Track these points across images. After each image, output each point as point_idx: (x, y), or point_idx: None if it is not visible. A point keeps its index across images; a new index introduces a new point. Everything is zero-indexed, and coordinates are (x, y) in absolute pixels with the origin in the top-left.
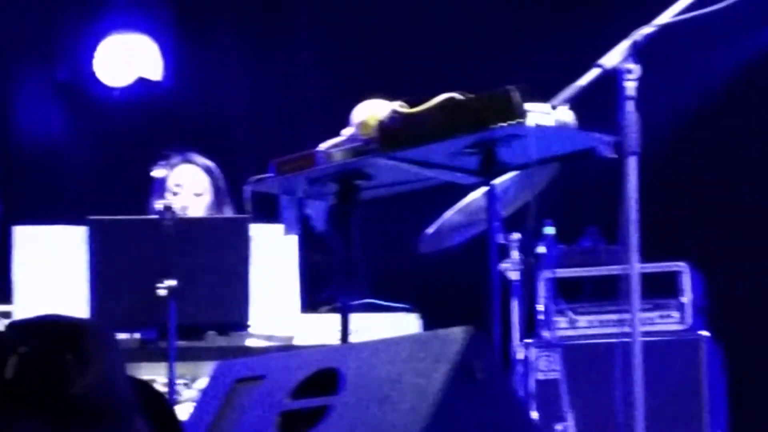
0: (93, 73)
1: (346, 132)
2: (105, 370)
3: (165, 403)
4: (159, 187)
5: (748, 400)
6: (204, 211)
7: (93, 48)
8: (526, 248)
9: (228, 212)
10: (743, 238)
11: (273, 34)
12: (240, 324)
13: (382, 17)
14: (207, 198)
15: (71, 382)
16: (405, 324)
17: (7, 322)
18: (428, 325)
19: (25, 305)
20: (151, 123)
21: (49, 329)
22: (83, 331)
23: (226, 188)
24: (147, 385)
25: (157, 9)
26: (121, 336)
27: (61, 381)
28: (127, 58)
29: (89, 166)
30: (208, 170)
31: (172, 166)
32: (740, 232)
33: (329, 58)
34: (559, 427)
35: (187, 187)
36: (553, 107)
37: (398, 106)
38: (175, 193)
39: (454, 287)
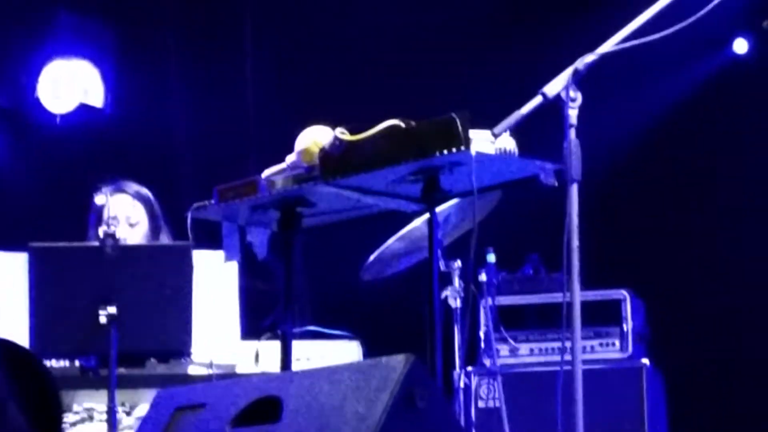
0: (36, 99)
1: (289, 159)
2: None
3: (33, 362)
4: (96, 215)
5: (689, 428)
6: (140, 240)
7: (36, 74)
8: (467, 276)
9: (165, 239)
10: (683, 266)
11: (217, 60)
12: (181, 351)
13: (327, 43)
14: (142, 227)
15: None
16: (346, 351)
17: None
18: (369, 352)
19: None
20: (94, 149)
21: None
22: None
23: (162, 215)
24: (12, 347)
25: (99, 35)
26: (62, 363)
27: None
28: (69, 84)
29: (30, 192)
30: (141, 198)
31: (107, 200)
32: (680, 260)
33: (273, 85)
34: None
35: (122, 218)
36: (496, 135)
37: (340, 132)
38: (109, 225)
39: (395, 315)
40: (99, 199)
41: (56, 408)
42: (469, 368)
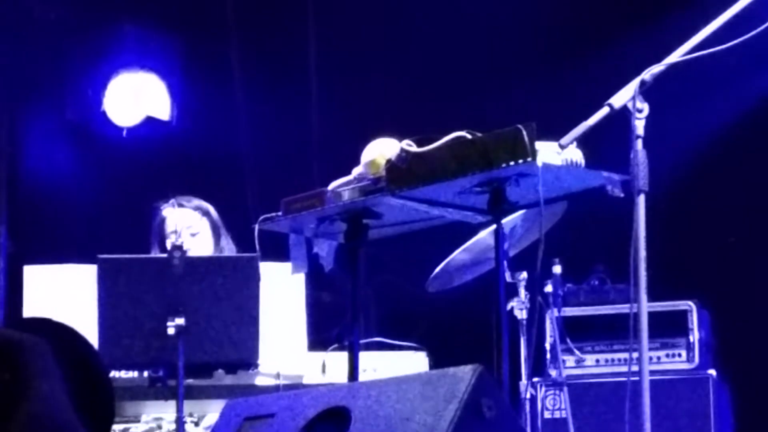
0: (102, 112)
1: (356, 171)
2: (47, 396)
3: (84, 350)
4: (158, 229)
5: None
6: (204, 250)
7: (102, 87)
8: (533, 287)
9: (227, 250)
10: (750, 277)
11: (282, 72)
12: (249, 362)
13: (392, 55)
14: (205, 237)
15: (9, 412)
16: (413, 362)
17: None
18: (437, 363)
19: None
20: (160, 162)
21: None
22: (21, 345)
23: (225, 226)
24: (63, 329)
25: (165, 47)
26: (130, 374)
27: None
28: (135, 98)
29: (98, 205)
30: (200, 210)
31: (171, 214)
32: (747, 271)
33: (339, 97)
34: None
35: (184, 230)
36: (562, 146)
37: (407, 144)
38: (176, 237)
39: (462, 326)
40: (161, 212)
41: (111, 415)
42: (536, 379)
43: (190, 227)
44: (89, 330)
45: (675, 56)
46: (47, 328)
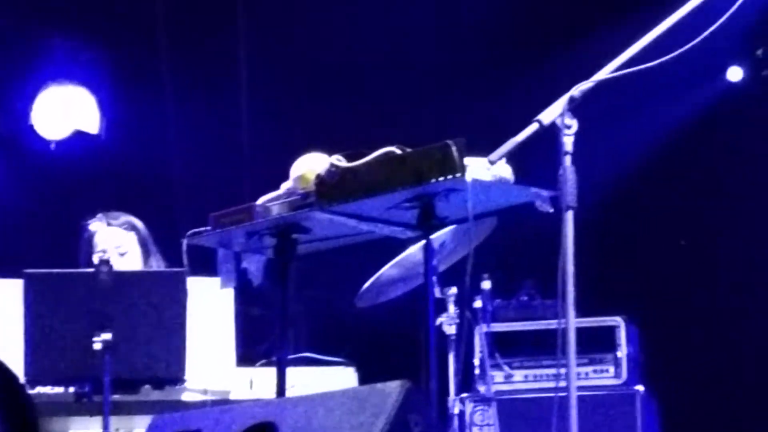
0: (30, 126)
1: (285, 186)
2: None
3: (19, 392)
4: (87, 245)
5: None
6: (132, 267)
7: (30, 100)
8: (462, 302)
9: (156, 266)
10: (678, 293)
11: (212, 86)
12: (176, 378)
13: (323, 69)
14: (133, 255)
15: None
16: (342, 378)
17: None
18: (365, 379)
19: None
20: (89, 176)
21: None
22: None
23: (154, 242)
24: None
25: (94, 60)
26: (56, 390)
27: None
28: (64, 111)
29: (26, 218)
30: (130, 227)
31: (99, 229)
32: (675, 287)
33: (270, 112)
34: None
35: (111, 249)
36: (492, 162)
37: (336, 160)
38: (103, 257)
39: (390, 341)
40: (89, 229)
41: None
42: (464, 395)
43: (118, 247)
44: (14, 345)
45: (603, 73)
46: None
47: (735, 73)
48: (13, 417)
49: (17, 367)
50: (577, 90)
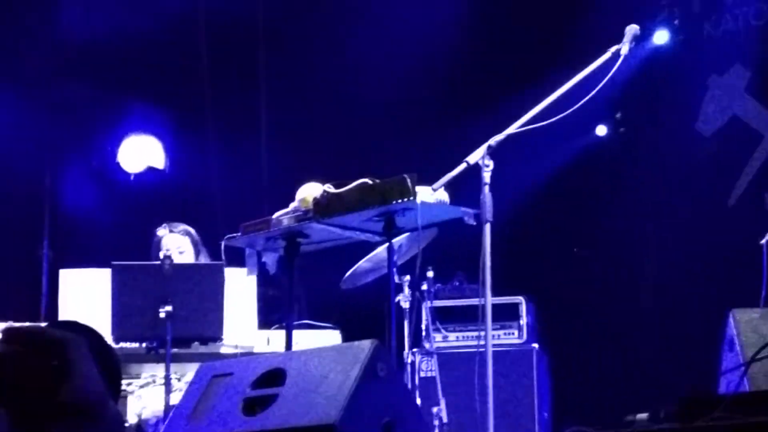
0: (117, 163)
1: (292, 205)
2: (84, 375)
3: (108, 346)
4: (156, 246)
5: (565, 392)
6: (187, 261)
7: (117, 144)
8: (414, 286)
9: (203, 260)
10: (563, 281)
11: (241, 134)
12: (216, 337)
13: (319, 124)
14: (188, 254)
15: (58, 389)
16: (330, 338)
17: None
18: (346, 338)
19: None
20: (157, 198)
21: (38, 339)
22: (65, 343)
23: (202, 243)
24: (93, 331)
25: (161, 117)
26: (134, 345)
27: (49, 387)
28: (140, 153)
29: (113, 228)
30: (186, 234)
31: (165, 235)
32: (561, 277)
33: (281, 153)
34: (434, 409)
35: (173, 249)
36: (434, 189)
37: (327, 187)
38: (167, 255)
39: (364, 312)
40: (157, 234)
41: (119, 379)
42: (414, 350)
43: (178, 247)
44: (105, 314)
45: (512, 128)
46: (79, 328)
47: (601, 130)
48: (104, 364)
49: (106, 330)
50: (493, 140)
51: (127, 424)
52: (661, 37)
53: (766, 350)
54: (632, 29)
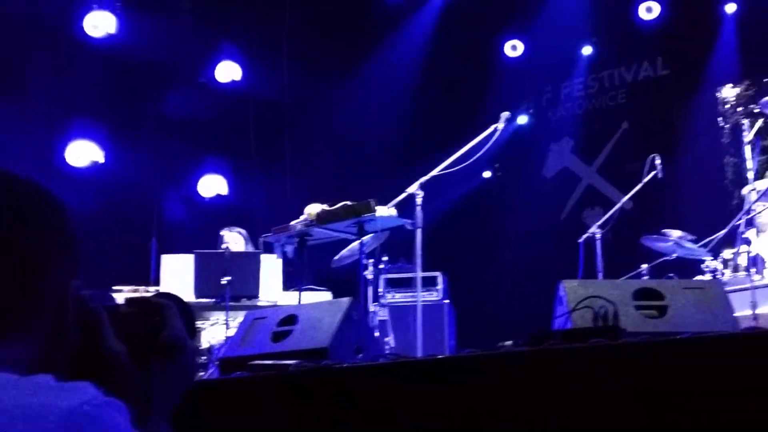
0: (197, 191)
1: (302, 216)
2: (173, 326)
3: (188, 307)
4: (221, 239)
5: (464, 329)
6: (239, 250)
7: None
8: (376, 266)
9: (249, 249)
10: (467, 262)
11: (273, 174)
12: (255, 296)
13: (319, 168)
14: (240, 245)
15: (158, 335)
16: (325, 296)
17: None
18: (335, 296)
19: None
20: (223, 219)
21: (146, 303)
22: (162, 305)
23: (251, 240)
24: (179, 299)
25: (229, 164)
26: (209, 301)
27: (152, 335)
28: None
29: (195, 234)
30: (239, 233)
31: (226, 234)
32: (466, 259)
33: (297, 185)
34: (387, 339)
35: (231, 243)
36: (388, 208)
37: (325, 206)
38: (227, 246)
39: (345, 281)
40: (221, 234)
41: (195, 328)
42: (375, 303)
43: (236, 242)
44: (190, 282)
45: (435, 171)
46: (171, 296)
47: (486, 173)
48: (186, 318)
49: (191, 291)
50: (423, 178)
51: (201, 348)
52: (522, 119)
53: (580, 304)
54: (505, 114)
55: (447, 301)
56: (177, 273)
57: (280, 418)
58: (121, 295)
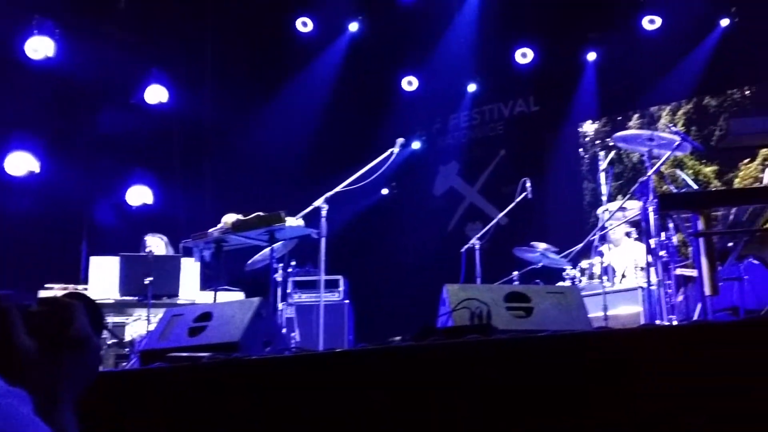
0: (126, 202)
1: (219, 225)
2: (80, 322)
3: (96, 306)
4: (144, 245)
5: (361, 325)
6: (161, 254)
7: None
8: (285, 269)
9: (170, 253)
10: (362, 267)
11: (194, 187)
12: (175, 294)
13: (235, 182)
14: (161, 249)
15: (65, 331)
16: (238, 296)
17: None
18: (247, 296)
19: (96, 291)
20: (153, 221)
21: (55, 303)
22: (70, 304)
23: (172, 245)
24: (87, 298)
25: (158, 179)
26: (133, 299)
27: (60, 330)
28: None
29: (122, 241)
30: (161, 239)
31: (149, 239)
32: (360, 265)
33: (217, 196)
34: (293, 334)
35: (154, 246)
36: (296, 219)
37: (240, 216)
38: (150, 250)
39: (257, 283)
40: (145, 239)
41: (101, 324)
42: (283, 302)
43: (157, 246)
44: (115, 280)
45: (338, 188)
46: (80, 296)
47: (384, 191)
48: (92, 316)
49: (116, 292)
50: (328, 194)
51: (125, 341)
52: (415, 144)
53: (460, 305)
54: (400, 140)
55: (347, 301)
56: (104, 273)
57: (194, 404)
58: (52, 291)
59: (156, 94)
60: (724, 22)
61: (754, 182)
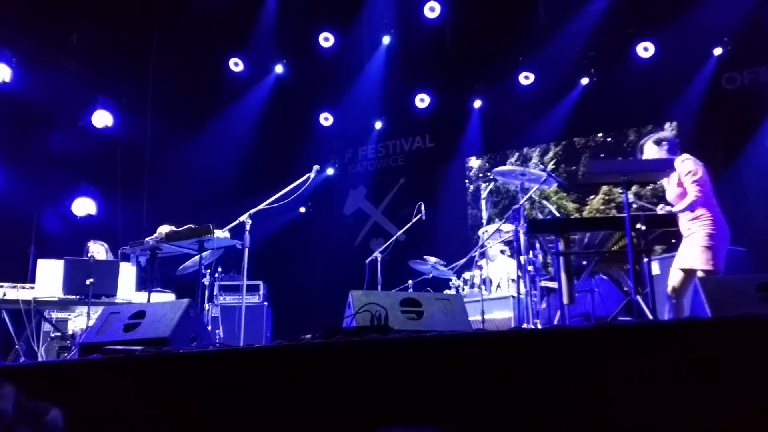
0: (71, 211)
1: (155, 234)
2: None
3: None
4: (87, 249)
5: (277, 325)
6: (102, 258)
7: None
8: (212, 275)
9: (110, 258)
10: (279, 273)
11: (133, 199)
12: (113, 294)
13: (173, 197)
14: (102, 255)
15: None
16: (170, 297)
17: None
18: (178, 297)
19: (42, 289)
20: (94, 230)
21: None
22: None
23: (112, 252)
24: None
25: (99, 190)
26: (75, 297)
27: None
28: (87, 206)
29: (66, 248)
30: (101, 245)
31: (91, 245)
32: (278, 271)
33: (154, 208)
34: (217, 331)
35: (95, 252)
36: (224, 231)
37: (173, 227)
38: (92, 255)
39: (187, 286)
40: (88, 245)
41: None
42: (209, 303)
43: (98, 252)
44: (59, 282)
45: (262, 206)
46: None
47: (302, 209)
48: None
49: (59, 291)
50: (252, 210)
51: (67, 334)
52: (329, 170)
53: (362, 308)
54: (316, 167)
55: (266, 303)
56: (50, 274)
57: (127, 392)
58: (2, 290)
59: (102, 118)
60: (585, 81)
61: (596, 214)
